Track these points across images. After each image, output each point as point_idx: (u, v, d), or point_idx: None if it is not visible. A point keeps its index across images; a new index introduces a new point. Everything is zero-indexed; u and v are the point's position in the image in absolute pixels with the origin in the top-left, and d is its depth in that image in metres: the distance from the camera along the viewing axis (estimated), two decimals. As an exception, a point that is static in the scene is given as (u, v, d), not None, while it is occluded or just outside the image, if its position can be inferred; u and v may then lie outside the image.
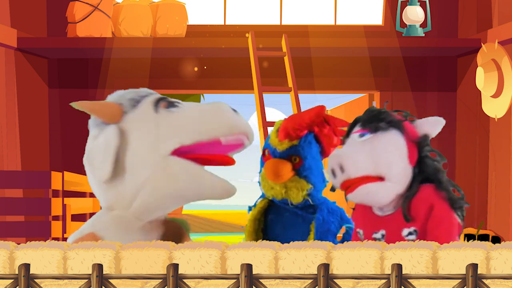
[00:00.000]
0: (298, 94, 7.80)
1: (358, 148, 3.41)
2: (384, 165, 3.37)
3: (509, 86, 7.42)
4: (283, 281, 2.74)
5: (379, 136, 3.43)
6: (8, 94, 7.98)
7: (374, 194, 3.39)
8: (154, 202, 3.26)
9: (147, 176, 3.21)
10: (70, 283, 2.75)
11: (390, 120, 3.47)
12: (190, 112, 3.29)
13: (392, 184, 3.38)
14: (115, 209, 3.30)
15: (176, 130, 3.24)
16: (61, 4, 8.76)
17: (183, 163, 3.22)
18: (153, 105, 3.30)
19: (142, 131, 3.25)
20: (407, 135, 3.45)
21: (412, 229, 3.39)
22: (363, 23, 9.21)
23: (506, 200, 7.69)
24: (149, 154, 3.22)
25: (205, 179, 3.26)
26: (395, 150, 3.41)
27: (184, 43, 8.49)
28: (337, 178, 3.41)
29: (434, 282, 2.74)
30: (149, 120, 3.27)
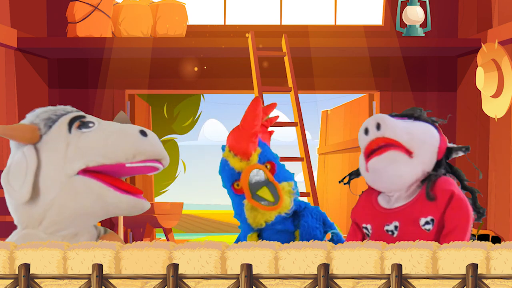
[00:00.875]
0: (298, 94, 7.80)
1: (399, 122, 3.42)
2: (418, 140, 3.39)
3: (509, 86, 7.42)
4: (283, 281, 2.74)
5: (420, 122, 3.49)
6: (8, 94, 7.98)
7: (399, 165, 3.37)
8: (62, 220, 3.30)
9: (54, 195, 3.26)
10: (70, 283, 2.75)
11: (428, 118, 3.54)
12: (98, 135, 3.29)
13: (418, 163, 3.39)
14: (27, 227, 3.36)
15: (83, 151, 3.27)
16: (61, 4, 8.76)
17: (88, 182, 3.26)
18: (67, 125, 3.33)
19: (52, 152, 3.29)
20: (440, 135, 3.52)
21: (429, 218, 3.39)
22: (363, 23, 9.21)
23: (506, 200, 7.69)
24: (57, 174, 3.26)
25: (109, 197, 3.28)
26: (431, 135, 3.47)
27: (184, 43, 8.49)
28: (369, 135, 3.40)
29: (434, 282, 2.73)
30: (60, 140, 3.30)
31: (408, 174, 3.39)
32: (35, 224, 3.33)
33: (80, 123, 3.32)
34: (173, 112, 14.80)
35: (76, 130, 3.31)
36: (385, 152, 3.35)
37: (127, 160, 3.25)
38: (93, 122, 3.34)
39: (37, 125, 3.34)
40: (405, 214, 3.42)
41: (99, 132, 3.31)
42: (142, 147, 3.27)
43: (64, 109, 3.41)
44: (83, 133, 3.30)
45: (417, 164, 3.39)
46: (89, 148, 3.27)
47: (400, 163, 3.36)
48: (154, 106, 13.16)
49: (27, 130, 3.32)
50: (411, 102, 8.87)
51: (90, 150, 3.27)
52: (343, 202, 10.81)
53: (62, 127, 3.33)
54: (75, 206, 3.28)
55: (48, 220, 3.29)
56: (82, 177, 3.26)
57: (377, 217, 3.49)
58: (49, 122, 3.34)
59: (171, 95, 14.35)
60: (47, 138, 3.31)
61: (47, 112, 3.39)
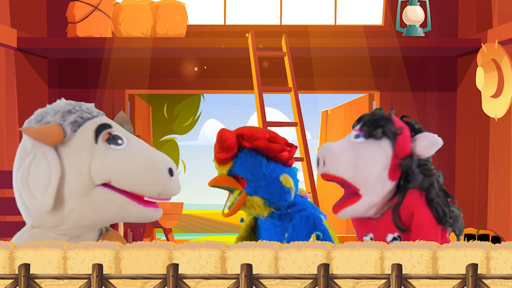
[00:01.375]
0: (298, 94, 7.80)
1: (346, 149, 3.50)
2: (362, 177, 3.46)
3: (509, 86, 7.41)
4: (283, 281, 2.74)
5: (369, 144, 3.49)
6: (8, 94, 7.98)
7: (358, 213, 3.50)
8: (79, 228, 3.27)
9: (74, 206, 3.22)
10: (70, 283, 2.75)
11: (387, 130, 3.50)
12: (128, 160, 3.23)
13: (368, 198, 3.46)
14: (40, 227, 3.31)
15: (109, 171, 3.22)
16: (61, 4, 8.76)
17: (111, 195, 3.23)
18: (94, 133, 3.26)
19: (76, 160, 3.22)
20: (397, 150, 3.49)
21: (396, 234, 3.46)
22: (363, 23, 9.21)
23: (506, 200, 7.69)
24: (78, 185, 3.21)
25: (134, 211, 3.26)
26: (377, 165, 3.48)
27: (184, 43, 8.48)
28: (319, 168, 3.55)
29: (434, 282, 2.73)
30: (85, 149, 3.23)
31: (366, 211, 3.50)
32: (48, 227, 3.27)
33: (108, 136, 3.25)
34: (173, 112, 14.80)
35: (103, 143, 3.24)
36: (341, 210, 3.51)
37: (150, 195, 3.24)
38: (121, 138, 3.26)
39: (62, 126, 3.25)
40: (378, 227, 3.52)
41: (129, 156, 3.24)
42: (168, 188, 3.25)
43: (89, 111, 3.31)
44: (110, 149, 3.23)
45: (367, 199, 3.47)
46: (117, 171, 3.21)
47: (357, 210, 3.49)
48: (154, 106, 13.16)
49: (55, 134, 3.23)
50: (411, 102, 8.88)
51: (116, 172, 3.21)
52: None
53: (88, 134, 3.25)
54: (96, 217, 3.25)
55: (65, 227, 3.25)
56: (104, 189, 3.22)
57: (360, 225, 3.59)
58: (75, 126, 3.25)
59: (171, 95, 14.34)
60: (71, 143, 3.24)
61: (73, 114, 3.28)
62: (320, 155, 3.52)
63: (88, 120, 3.28)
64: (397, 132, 3.49)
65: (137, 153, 3.26)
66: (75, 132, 3.25)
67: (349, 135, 3.57)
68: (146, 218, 3.28)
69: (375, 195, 3.46)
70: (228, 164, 3.68)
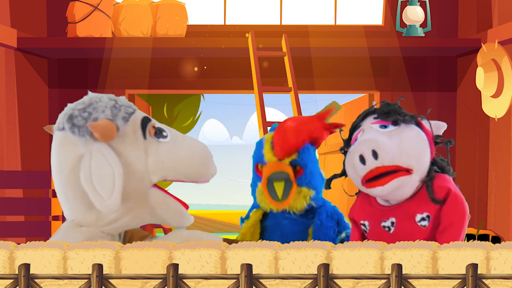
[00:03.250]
0: (298, 94, 7.80)
1: (388, 138, 3.36)
2: (414, 157, 3.36)
3: (509, 86, 7.42)
4: (283, 281, 2.74)
5: (404, 128, 3.42)
6: (8, 94, 7.98)
7: (403, 188, 3.37)
8: (131, 226, 3.29)
9: (132, 205, 3.20)
10: (70, 283, 2.75)
11: (409, 115, 3.49)
12: (179, 151, 3.27)
13: (417, 177, 3.39)
14: (85, 225, 3.25)
15: (164, 165, 3.23)
16: (61, 4, 8.76)
17: (164, 197, 3.26)
18: (141, 129, 3.23)
19: (134, 158, 3.20)
20: (425, 131, 3.48)
21: (425, 214, 3.40)
22: (363, 23, 9.21)
23: (506, 200, 7.69)
24: (139, 183, 3.20)
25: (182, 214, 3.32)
26: (423, 143, 3.44)
27: (184, 43, 8.49)
28: (367, 164, 3.33)
29: (434, 282, 2.73)
30: (138, 146, 3.21)
31: (410, 190, 3.41)
32: (100, 226, 3.23)
33: (154, 130, 3.25)
34: (173, 112, 14.80)
35: (152, 138, 3.23)
36: (388, 183, 3.34)
37: (205, 180, 3.34)
38: (165, 130, 3.28)
39: (116, 123, 3.19)
40: (401, 210, 3.44)
41: (179, 147, 3.27)
42: (215, 169, 3.35)
43: (128, 105, 3.27)
44: (160, 143, 3.24)
45: (417, 177, 3.41)
46: (171, 163, 3.23)
47: (403, 186, 3.37)
48: (154, 106, 13.15)
49: (111, 131, 3.17)
50: (411, 102, 8.88)
51: (171, 165, 3.23)
52: (343, 202, 10.80)
53: (136, 130, 3.22)
54: (150, 217, 3.26)
55: (116, 225, 3.24)
56: (158, 190, 3.24)
57: (374, 214, 3.49)
58: (123, 122, 3.21)
59: (171, 95, 14.34)
60: (123, 139, 3.19)
61: (120, 110, 3.23)
62: (366, 150, 3.31)
63: (131, 115, 3.25)
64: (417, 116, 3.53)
65: (184, 144, 3.31)
66: (123, 127, 3.21)
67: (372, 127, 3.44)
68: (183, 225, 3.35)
69: (423, 173, 3.41)
70: (292, 155, 3.62)
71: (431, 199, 3.38)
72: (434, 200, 3.38)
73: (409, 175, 3.35)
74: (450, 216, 3.37)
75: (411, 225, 3.39)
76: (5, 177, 7.31)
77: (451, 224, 3.35)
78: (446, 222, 3.36)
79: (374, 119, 3.50)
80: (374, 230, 3.49)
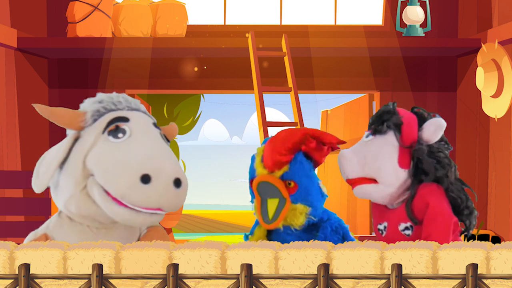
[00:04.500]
0: (298, 94, 7.80)
1: (358, 151, 3.62)
2: (374, 169, 3.55)
3: (509, 86, 7.41)
4: (283, 281, 2.74)
5: (376, 140, 3.61)
6: (8, 94, 7.98)
7: (369, 194, 3.59)
8: (87, 217, 3.24)
9: (71, 193, 3.21)
10: (70, 283, 2.75)
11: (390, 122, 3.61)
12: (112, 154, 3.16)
13: (384, 187, 3.55)
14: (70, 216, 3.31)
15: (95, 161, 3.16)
16: (61, 4, 8.76)
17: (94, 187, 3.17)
18: (105, 124, 3.22)
19: (79, 148, 3.21)
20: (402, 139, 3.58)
21: (409, 224, 3.52)
22: (363, 23, 9.21)
23: (506, 200, 7.69)
24: (74, 170, 3.19)
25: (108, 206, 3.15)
26: (385, 156, 3.57)
27: (184, 43, 8.48)
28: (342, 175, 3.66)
29: (434, 282, 2.73)
30: (91, 137, 3.21)
31: (380, 197, 3.59)
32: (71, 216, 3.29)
33: (114, 128, 3.20)
34: (173, 112, 14.79)
35: (105, 134, 3.20)
36: (354, 188, 3.62)
37: (115, 195, 3.13)
38: (125, 133, 3.18)
39: (85, 114, 3.24)
40: (392, 216, 3.58)
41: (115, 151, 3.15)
42: (134, 195, 3.09)
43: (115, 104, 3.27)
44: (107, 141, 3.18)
45: (383, 187, 3.56)
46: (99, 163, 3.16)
47: (368, 192, 3.59)
48: (154, 106, 13.15)
49: (69, 117, 3.22)
50: (411, 102, 8.87)
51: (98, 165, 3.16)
52: (343, 202, 10.80)
53: (102, 124, 3.23)
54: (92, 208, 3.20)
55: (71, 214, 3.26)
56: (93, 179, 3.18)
57: (377, 215, 3.67)
58: (96, 115, 3.24)
59: (171, 95, 14.34)
60: (87, 130, 3.23)
61: (101, 104, 3.27)
62: (338, 164, 3.65)
63: (110, 111, 3.26)
64: (400, 122, 3.57)
65: (124, 150, 3.16)
66: (95, 121, 3.24)
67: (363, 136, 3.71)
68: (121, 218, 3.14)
69: (390, 184, 3.55)
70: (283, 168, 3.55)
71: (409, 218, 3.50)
72: (412, 220, 3.50)
73: (373, 184, 3.55)
74: (428, 228, 3.49)
75: (396, 232, 3.53)
76: (5, 177, 7.31)
77: (429, 236, 3.48)
78: (425, 233, 3.51)
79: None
80: (375, 230, 3.67)
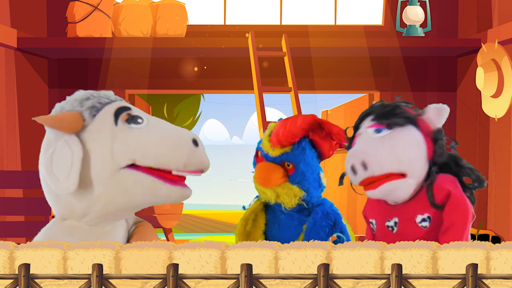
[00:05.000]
0: (298, 94, 7.80)
1: (379, 145, 3.42)
2: (406, 162, 3.40)
3: (509, 86, 7.42)
4: (283, 281, 2.74)
5: (398, 132, 3.45)
6: (8, 94, 7.98)
7: (397, 191, 3.42)
8: (108, 214, 3.24)
9: (101, 190, 3.18)
10: (70, 283, 2.75)
11: (405, 115, 3.51)
12: (150, 135, 3.20)
13: (413, 180, 3.42)
14: (68, 219, 3.29)
15: (132, 149, 3.17)
16: (61, 4, 8.77)
17: (137, 176, 3.18)
18: (113, 116, 3.22)
19: (98, 144, 3.18)
20: (423, 130, 3.50)
21: (426, 215, 3.43)
22: (363, 23, 9.21)
23: (506, 200, 7.69)
24: (103, 168, 3.17)
25: (162, 190, 3.21)
26: (416, 147, 3.45)
27: (184, 43, 8.49)
28: (358, 175, 3.41)
29: (434, 282, 2.73)
30: (106, 132, 3.19)
31: (407, 193, 3.45)
32: (77, 217, 3.25)
33: (128, 117, 3.21)
34: (173, 112, 14.80)
35: (123, 124, 3.20)
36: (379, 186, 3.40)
37: (176, 168, 3.18)
38: (141, 117, 3.23)
39: (81, 113, 3.21)
40: (404, 211, 3.48)
41: (151, 132, 3.20)
42: (194, 159, 3.19)
43: (107, 97, 3.28)
44: (131, 129, 3.20)
45: (412, 181, 3.43)
46: (140, 148, 3.17)
47: (396, 189, 3.42)
48: (154, 106, 13.16)
49: (73, 120, 3.18)
50: (411, 102, 8.87)
51: (140, 150, 3.17)
52: (343, 202, 10.80)
53: (107, 117, 3.21)
54: (123, 200, 3.20)
55: (93, 215, 3.22)
56: (130, 170, 3.16)
57: (381, 213, 3.54)
58: (93, 111, 3.22)
59: (171, 95, 14.35)
60: (91, 128, 3.20)
61: (91, 100, 3.25)
62: (356, 162, 3.40)
63: (106, 105, 3.25)
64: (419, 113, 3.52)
65: (158, 128, 3.22)
66: (94, 117, 3.22)
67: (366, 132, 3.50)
68: (175, 197, 3.22)
69: (418, 177, 3.43)
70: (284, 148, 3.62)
71: (431, 203, 3.41)
72: (434, 205, 3.41)
73: (403, 179, 3.39)
74: (451, 216, 3.39)
75: (412, 225, 3.42)
76: (5, 177, 7.31)
77: (453, 225, 3.37)
78: (447, 222, 3.38)
79: (371, 121, 3.52)
80: (380, 228, 3.55)
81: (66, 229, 3.27)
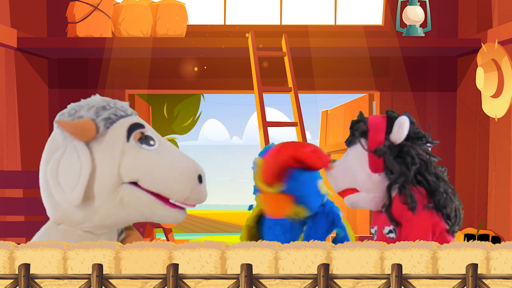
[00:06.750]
0: (298, 94, 7.80)
1: (338, 165, 3.73)
2: (352, 179, 3.65)
3: (509, 86, 7.41)
4: (283, 281, 2.74)
5: (350, 151, 3.72)
6: (8, 94, 7.98)
7: (356, 203, 3.69)
8: (104, 225, 3.26)
9: (101, 203, 3.20)
10: (70, 283, 2.75)
11: (357, 132, 3.70)
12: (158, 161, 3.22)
13: (364, 194, 3.64)
14: (63, 224, 3.29)
15: (139, 170, 3.20)
16: (61, 4, 8.76)
17: (137, 193, 3.21)
18: (126, 132, 3.24)
19: (107, 157, 3.20)
20: (368, 144, 3.65)
21: (392, 227, 3.59)
22: (363, 23, 9.21)
23: (506, 200, 7.69)
24: (107, 182, 3.19)
25: (159, 210, 3.24)
26: (356, 164, 3.66)
27: (184, 43, 8.48)
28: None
29: (434, 282, 2.73)
30: (117, 146, 3.21)
31: (366, 204, 3.68)
32: (74, 224, 3.26)
33: (141, 136, 3.24)
34: (173, 112, 14.80)
35: (135, 142, 3.22)
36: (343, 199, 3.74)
37: (177, 200, 3.22)
38: (153, 139, 3.25)
39: (96, 122, 3.21)
40: (379, 220, 3.67)
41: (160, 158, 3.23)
42: (195, 194, 3.24)
43: (124, 109, 3.29)
44: (142, 149, 3.22)
45: (365, 194, 3.65)
46: (146, 171, 3.20)
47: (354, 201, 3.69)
48: (154, 106, 13.16)
49: (89, 129, 3.19)
50: (411, 102, 8.88)
51: (146, 173, 3.19)
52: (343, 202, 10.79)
53: (121, 132, 3.23)
54: (121, 214, 3.23)
55: (89, 224, 3.24)
56: (131, 186, 3.20)
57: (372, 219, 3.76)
58: (108, 123, 3.23)
59: (171, 95, 14.34)
60: (103, 139, 3.21)
61: (107, 110, 3.25)
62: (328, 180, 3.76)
63: (121, 118, 3.26)
64: (365, 129, 3.62)
65: (168, 156, 3.25)
66: (107, 128, 3.23)
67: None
68: (171, 220, 3.26)
69: (369, 190, 3.62)
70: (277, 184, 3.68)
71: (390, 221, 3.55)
72: (394, 222, 3.56)
73: (356, 193, 3.65)
74: (406, 229, 3.58)
75: (381, 235, 3.60)
76: (5, 177, 7.31)
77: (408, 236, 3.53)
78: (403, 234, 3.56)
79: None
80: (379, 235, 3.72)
81: (61, 233, 3.28)
